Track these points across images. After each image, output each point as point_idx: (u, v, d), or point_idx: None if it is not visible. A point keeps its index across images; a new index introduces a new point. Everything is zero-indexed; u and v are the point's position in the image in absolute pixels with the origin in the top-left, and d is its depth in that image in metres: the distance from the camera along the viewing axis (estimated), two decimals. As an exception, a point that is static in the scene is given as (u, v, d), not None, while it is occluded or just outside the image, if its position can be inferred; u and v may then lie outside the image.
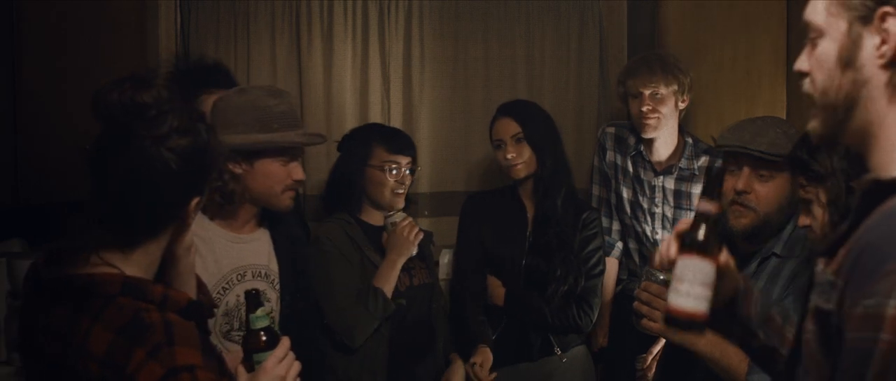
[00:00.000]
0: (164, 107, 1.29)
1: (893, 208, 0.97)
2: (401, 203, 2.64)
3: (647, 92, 2.75)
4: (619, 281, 3.01)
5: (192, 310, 1.36)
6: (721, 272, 1.31)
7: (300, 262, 2.17)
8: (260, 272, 2.00)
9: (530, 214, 2.74)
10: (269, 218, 2.05)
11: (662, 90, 2.75)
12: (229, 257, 1.95)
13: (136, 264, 1.32)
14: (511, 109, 2.72)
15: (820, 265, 1.04)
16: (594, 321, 2.72)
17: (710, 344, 1.76)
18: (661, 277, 1.90)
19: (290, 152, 1.95)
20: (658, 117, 2.76)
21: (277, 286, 2.04)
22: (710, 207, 1.30)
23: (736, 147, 1.91)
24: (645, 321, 1.83)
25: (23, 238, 2.69)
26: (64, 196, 1.68)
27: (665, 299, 1.81)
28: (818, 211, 1.65)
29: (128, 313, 1.26)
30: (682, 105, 2.82)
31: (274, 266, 2.02)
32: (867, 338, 0.91)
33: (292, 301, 2.06)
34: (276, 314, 2.03)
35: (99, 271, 1.29)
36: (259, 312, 1.56)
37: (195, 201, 1.35)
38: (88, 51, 2.58)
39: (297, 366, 1.55)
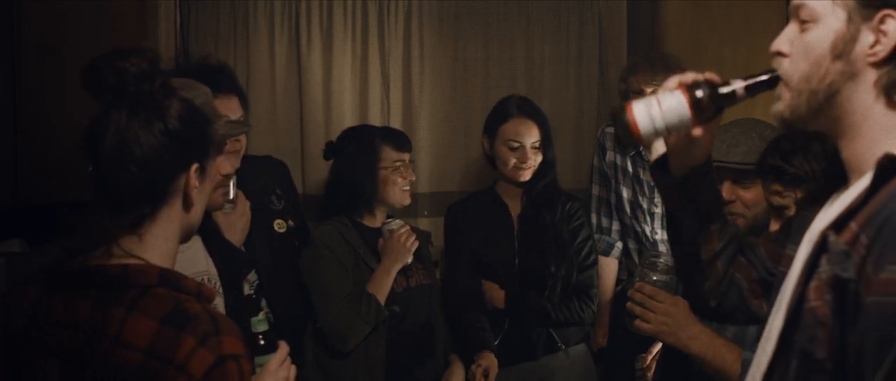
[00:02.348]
0: (150, 69, 1.30)
1: None
2: (408, 199, 2.65)
3: (648, 90, 2.74)
4: (618, 281, 3.01)
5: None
6: (691, 138, 1.30)
7: (230, 259, 2.11)
8: (202, 279, 1.94)
9: (514, 212, 2.74)
10: None
11: None
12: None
13: (155, 252, 1.32)
14: (533, 113, 2.69)
15: (833, 237, 1.06)
16: (595, 311, 2.73)
17: (703, 346, 1.77)
18: (655, 278, 1.90)
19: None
20: None
21: (220, 289, 2.02)
22: (738, 87, 1.26)
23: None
24: (638, 322, 1.84)
25: (23, 238, 2.69)
26: (64, 196, 1.68)
27: (659, 300, 1.82)
28: None
29: (168, 302, 1.25)
30: None
31: (212, 270, 1.98)
32: (888, 301, 0.96)
33: (237, 304, 2.01)
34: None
35: (132, 262, 1.29)
36: (260, 315, 1.61)
37: (194, 167, 1.34)
38: (88, 51, 2.56)
39: (295, 369, 1.56)
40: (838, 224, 1.07)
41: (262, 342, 1.58)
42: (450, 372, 2.66)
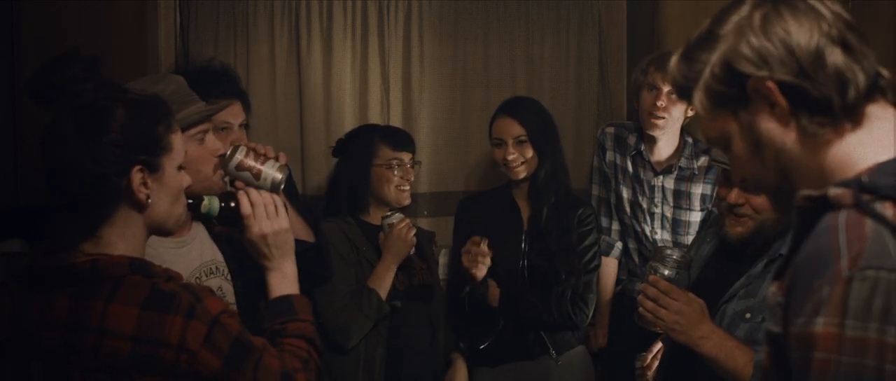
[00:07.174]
0: (82, 75, 1.33)
1: (820, 227, 0.98)
2: (407, 199, 2.65)
3: (665, 89, 2.73)
4: (618, 281, 3.01)
5: None
6: None
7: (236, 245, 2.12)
8: (210, 270, 1.95)
9: (525, 215, 2.74)
10: None
11: None
12: (179, 263, 1.82)
13: (115, 251, 1.33)
14: (513, 110, 2.71)
15: (773, 288, 1.05)
16: (589, 316, 2.71)
17: (715, 347, 1.75)
18: (667, 272, 1.90)
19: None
20: (667, 117, 2.75)
21: (229, 278, 2.00)
22: None
23: (726, 164, 1.89)
24: (650, 317, 1.83)
25: (23, 238, 2.69)
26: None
27: (673, 297, 1.82)
28: None
29: (144, 287, 1.28)
30: (690, 113, 2.80)
31: (220, 258, 1.97)
32: (803, 357, 0.93)
33: (245, 290, 2.01)
34: (234, 307, 1.96)
35: (100, 257, 1.31)
36: (205, 200, 1.69)
37: (136, 168, 1.34)
38: (88, 51, 2.57)
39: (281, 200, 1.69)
40: (780, 274, 1.05)
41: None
42: (452, 371, 2.66)
